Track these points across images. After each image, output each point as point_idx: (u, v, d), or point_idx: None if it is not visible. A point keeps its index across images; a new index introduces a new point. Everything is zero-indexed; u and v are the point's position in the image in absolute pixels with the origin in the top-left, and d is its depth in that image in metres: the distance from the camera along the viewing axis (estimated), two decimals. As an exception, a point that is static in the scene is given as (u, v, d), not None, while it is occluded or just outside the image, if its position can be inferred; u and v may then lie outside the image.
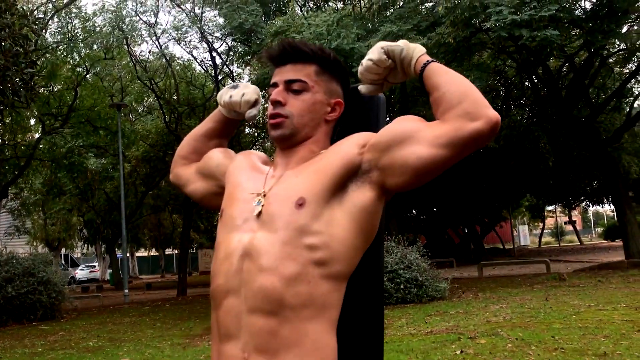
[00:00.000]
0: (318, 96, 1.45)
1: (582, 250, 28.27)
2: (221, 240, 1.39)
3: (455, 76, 1.29)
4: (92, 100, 17.85)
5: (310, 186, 1.31)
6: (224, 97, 1.62)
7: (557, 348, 4.92)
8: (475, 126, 1.20)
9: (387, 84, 1.45)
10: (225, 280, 1.32)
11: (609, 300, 7.63)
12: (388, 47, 1.37)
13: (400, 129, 1.30)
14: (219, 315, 1.33)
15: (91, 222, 27.10)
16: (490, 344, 5.35)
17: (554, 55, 14.68)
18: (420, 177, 1.29)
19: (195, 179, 1.66)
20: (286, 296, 1.24)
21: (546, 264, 14.41)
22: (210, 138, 1.70)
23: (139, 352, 6.66)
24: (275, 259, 1.26)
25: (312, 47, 1.48)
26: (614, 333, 5.40)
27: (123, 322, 10.30)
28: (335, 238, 1.29)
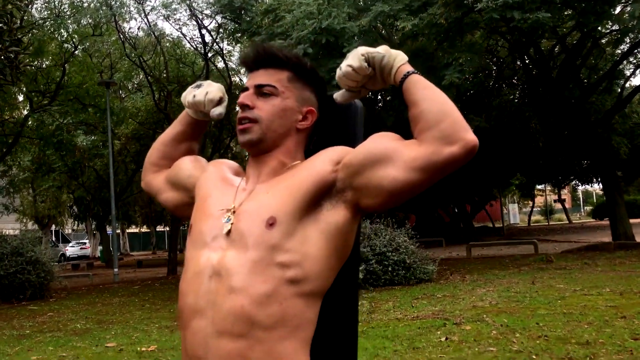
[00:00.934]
0: (288, 102, 1.40)
1: (571, 229, 28.53)
2: (190, 257, 1.36)
3: (435, 93, 1.24)
4: (81, 78, 17.61)
5: (281, 204, 1.27)
6: (187, 98, 1.57)
7: (541, 336, 4.96)
8: (451, 151, 1.16)
9: (364, 91, 1.40)
10: (194, 301, 1.28)
11: (594, 285, 7.70)
12: (369, 54, 1.32)
13: (375, 148, 1.26)
14: (186, 336, 1.30)
15: (81, 199, 27.00)
16: (475, 331, 5.38)
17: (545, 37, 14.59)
18: (395, 199, 1.26)
19: (166, 188, 1.62)
20: (258, 317, 1.21)
21: (534, 245, 14.50)
22: (180, 142, 1.65)
23: (126, 336, 6.66)
24: (246, 279, 1.23)
25: (287, 53, 1.43)
26: (598, 320, 5.44)
27: (112, 303, 10.31)
28: (308, 256, 1.26)
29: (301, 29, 10.82)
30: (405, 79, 1.28)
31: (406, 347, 4.95)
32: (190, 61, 18.72)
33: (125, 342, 6.22)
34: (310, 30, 10.64)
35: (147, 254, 37.23)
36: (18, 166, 22.47)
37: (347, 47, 10.79)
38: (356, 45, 9.84)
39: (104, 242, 25.79)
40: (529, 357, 4.30)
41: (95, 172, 22.27)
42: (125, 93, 22.30)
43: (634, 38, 14.94)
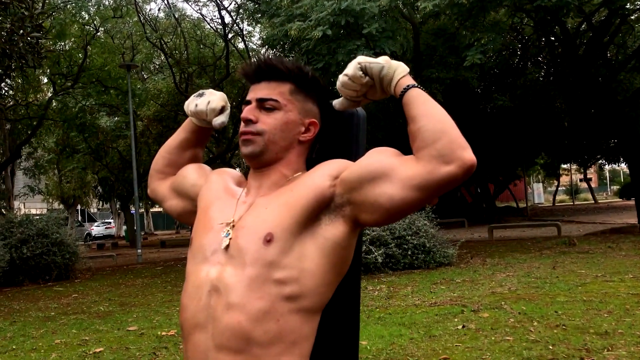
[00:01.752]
0: (291, 115, 1.40)
1: (596, 209, 28.14)
2: (190, 271, 1.38)
3: (434, 109, 1.23)
4: (102, 60, 17.75)
5: (278, 221, 1.28)
6: (190, 107, 1.60)
7: (559, 325, 4.92)
8: (449, 170, 1.16)
9: (364, 100, 1.40)
10: (193, 315, 1.31)
11: (616, 270, 7.60)
12: (365, 64, 1.31)
13: (373, 164, 1.26)
14: (187, 348, 1.33)
15: (105, 180, 27.36)
16: (493, 318, 5.36)
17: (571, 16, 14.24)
18: (392, 217, 1.26)
19: (171, 195, 1.65)
20: (254, 334, 1.23)
21: (557, 227, 14.35)
22: (185, 149, 1.68)
23: (147, 320, 6.78)
24: (243, 296, 1.25)
25: (288, 65, 1.43)
26: (618, 308, 5.38)
27: (135, 284, 10.49)
28: (306, 272, 1.27)
29: (320, 10, 10.73)
30: (405, 92, 1.27)
31: (423, 334, 4.96)
32: (211, 42, 18.71)
33: (146, 326, 6.34)
34: (330, 11, 10.54)
35: (171, 233, 37.74)
36: (43, 148, 22.84)
37: (367, 27, 10.70)
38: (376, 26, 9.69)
39: (129, 221, 26.16)
40: (546, 347, 4.28)
41: (119, 153, 22.54)
42: (147, 74, 22.44)
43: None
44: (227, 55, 16.53)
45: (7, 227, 11.49)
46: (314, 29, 10.60)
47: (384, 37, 11.12)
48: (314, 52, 11.05)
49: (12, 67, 10.26)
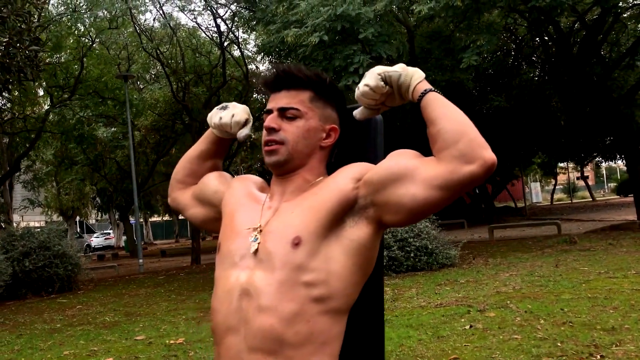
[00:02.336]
0: (312, 122, 1.44)
1: (595, 207, 28.22)
2: (219, 276, 1.41)
3: (453, 111, 1.27)
4: (99, 71, 17.78)
5: (305, 224, 1.31)
6: (213, 119, 1.63)
7: (566, 322, 4.96)
8: (470, 169, 1.19)
9: (383, 108, 1.44)
10: (225, 319, 1.34)
11: (619, 267, 7.64)
12: (385, 74, 1.35)
13: (395, 166, 1.30)
14: (220, 352, 1.36)
15: (104, 191, 27.35)
16: (499, 318, 5.40)
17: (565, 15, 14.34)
18: (415, 217, 1.30)
19: (193, 204, 1.68)
20: (286, 335, 1.26)
21: (557, 226, 14.40)
22: (205, 159, 1.71)
23: (154, 329, 6.80)
24: (274, 299, 1.28)
25: (307, 72, 1.47)
26: (623, 304, 5.42)
27: (138, 294, 10.49)
28: (333, 274, 1.30)
29: (316, 16, 10.77)
30: (422, 97, 1.31)
31: (430, 335, 4.99)
32: (207, 51, 18.76)
33: (153, 335, 6.35)
34: (325, 17, 10.58)
35: (170, 242, 37.69)
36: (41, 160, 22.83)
37: (362, 32, 10.74)
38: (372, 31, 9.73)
39: (128, 232, 26.14)
40: (554, 345, 4.31)
41: (117, 163, 22.54)
42: (143, 84, 22.47)
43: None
44: (223, 63, 16.56)
45: (9, 241, 11.50)
46: (310, 35, 10.65)
47: (380, 41, 11.17)
48: (311, 58, 11.09)
49: (10, 81, 10.27)
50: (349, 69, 10.60)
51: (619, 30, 15.96)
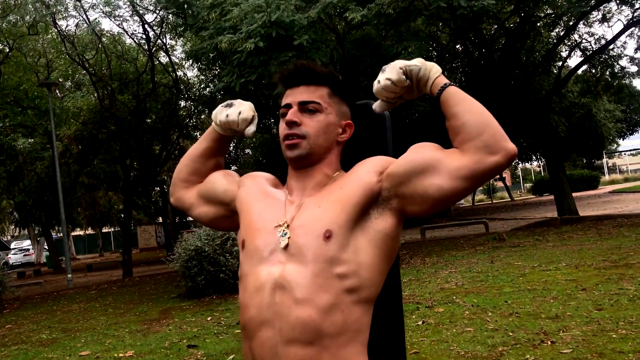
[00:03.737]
0: (331, 117, 1.48)
1: (514, 206, 29.55)
2: (248, 272, 1.41)
3: (474, 104, 1.33)
4: (17, 79, 16.93)
5: (334, 217, 1.34)
6: (219, 117, 1.62)
7: (512, 313, 5.21)
8: (495, 160, 1.25)
9: (400, 101, 1.48)
10: (258, 313, 1.34)
11: (550, 260, 8.09)
12: (406, 67, 1.39)
13: (419, 158, 1.35)
14: (252, 346, 1.36)
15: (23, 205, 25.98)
16: (449, 312, 5.60)
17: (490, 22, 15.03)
18: (439, 206, 1.34)
19: (199, 203, 1.67)
20: (323, 326, 1.29)
21: (485, 224, 15.02)
22: (208, 157, 1.70)
23: (98, 343, 6.56)
24: (309, 291, 1.30)
25: (324, 69, 1.51)
26: (561, 294, 5.76)
27: (72, 310, 10.07)
28: (362, 265, 1.34)
29: (250, 23, 10.76)
30: (442, 91, 1.37)
31: (386, 333, 5.10)
32: (132, 57, 18.27)
33: (99, 350, 6.13)
34: (260, 23, 10.59)
35: (94, 256, 36.25)
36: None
37: (297, 39, 10.81)
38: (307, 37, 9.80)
39: (51, 247, 24.97)
40: (506, 334, 4.52)
41: (37, 175, 21.52)
42: (63, 92, 21.58)
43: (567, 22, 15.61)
44: (152, 69, 16.20)
45: None
46: (245, 42, 10.61)
47: (314, 48, 11.29)
48: (246, 64, 11.05)
49: None
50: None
51: (534, 37, 16.87)
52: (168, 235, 23.74)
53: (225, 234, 9.19)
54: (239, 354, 5.09)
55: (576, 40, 17.06)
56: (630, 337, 4.08)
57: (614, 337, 4.14)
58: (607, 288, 5.78)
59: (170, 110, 19.22)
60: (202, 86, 18.82)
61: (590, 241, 9.73)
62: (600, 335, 4.20)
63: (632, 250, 8.04)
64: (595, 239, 9.90)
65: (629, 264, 7.04)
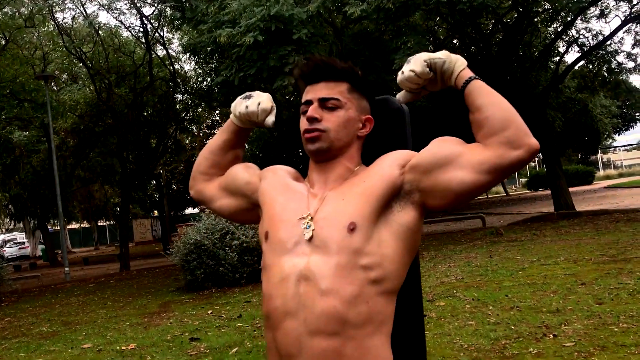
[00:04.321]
0: (351, 113, 1.50)
1: (510, 201, 29.68)
2: (272, 264, 1.43)
3: (499, 99, 1.34)
4: (13, 71, 16.84)
5: (359, 210, 1.36)
6: (238, 109, 1.64)
7: (513, 307, 5.26)
8: (518, 155, 1.27)
9: (423, 92, 1.50)
10: (283, 303, 1.36)
11: (548, 254, 8.14)
12: (431, 60, 1.41)
13: (442, 152, 1.36)
14: (277, 337, 1.38)
15: (18, 197, 25.92)
16: (450, 306, 5.64)
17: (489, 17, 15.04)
18: (460, 200, 1.36)
19: (221, 195, 1.69)
20: (349, 317, 1.31)
21: (482, 219, 15.08)
22: (227, 150, 1.71)
23: (100, 336, 6.58)
24: (334, 282, 1.32)
25: (343, 65, 1.52)
26: (561, 288, 5.81)
27: (71, 303, 10.08)
28: (386, 257, 1.36)
29: (249, 17, 10.74)
30: (467, 84, 1.38)
31: (388, 326, 5.13)
32: (130, 50, 18.20)
33: (101, 342, 6.15)
34: (259, 17, 10.57)
35: (90, 250, 36.20)
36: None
37: (296, 33, 10.81)
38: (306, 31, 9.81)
39: (47, 240, 24.92)
40: (508, 328, 4.57)
41: (33, 168, 21.45)
42: (60, 85, 21.50)
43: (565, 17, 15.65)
44: (150, 63, 16.15)
45: None
46: (244, 35, 10.60)
47: (313, 42, 11.29)
48: (245, 58, 11.03)
49: None
50: (284, 70, 10.62)
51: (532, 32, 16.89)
52: (164, 228, 23.74)
53: (225, 227, 9.22)
54: (242, 347, 5.12)
55: (574, 36, 17.09)
56: (632, 331, 4.12)
57: (615, 330, 4.18)
58: (606, 282, 5.83)
59: (167, 103, 19.19)
60: (200, 80, 18.79)
61: (588, 236, 9.80)
62: (601, 329, 4.25)
63: (629, 245, 8.10)
64: (592, 234, 9.97)
65: (627, 258, 7.10)
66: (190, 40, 15.55)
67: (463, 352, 4.10)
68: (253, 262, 9.05)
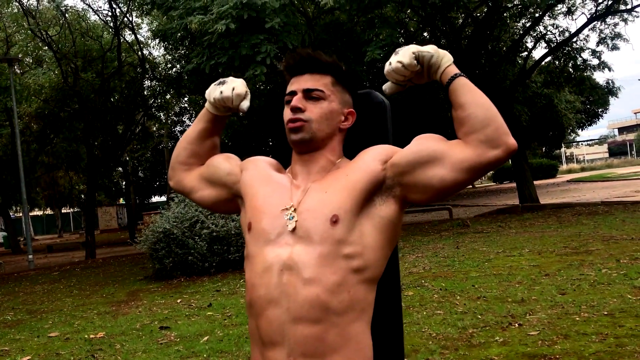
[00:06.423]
0: (334, 105, 1.53)
1: (476, 193, 30.18)
2: (255, 254, 1.46)
3: (481, 98, 1.37)
4: (-25, 53, 16.40)
5: (341, 203, 1.40)
6: (213, 95, 1.65)
7: (480, 297, 5.39)
8: (496, 154, 1.31)
9: (409, 84, 1.52)
10: (267, 292, 1.39)
11: (513, 246, 8.34)
12: (419, 53, 1.43)
13: (424, 150, 1.40)
14: (260, 324, 1.41)
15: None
16: (419, 296, 5.75)
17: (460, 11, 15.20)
18: (440, 195, 1.41)
19: (201, 186, 1.70)
20: (331, 304, 1.35)
21: (449, 211, 15.31)
22: (204, 139, 1.73)
23: (67, 324, 6.51)
24: (317, 271, 1.36)
25: (328, 59, 1.56)
26: (526, 279, 5.97)
27: (35, 291, 9.92)
28: (367, 247, 1.41)
29: (221, 4, 10.65)
30: (452, 81, 1.41)
31: (358, 316, 5.21)
32: (97, 35, 17.86)
33: (69, 331, 6.09)
34: (231, 5, 10.50)
35: (53, 237, 35.56)
36: None
37: (269, 22, 10.76)
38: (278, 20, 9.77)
39: (9, 227, 24.40)
40: (475, 317, 4.69)
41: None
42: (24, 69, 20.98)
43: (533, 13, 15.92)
44: (118, 47, 15.88)
45: None
46: (216, 23, 10.51)
47: (286, 31, 11.26)
48: (217, 46, 10.95)
49: None
50: (256, 58, 10.58)
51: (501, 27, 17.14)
52: (131, 216, 23.47)
53: (194, 216, 9.18)
54: (213, 336, 5.14)
55: (541, 32, 17.41)
56: (592, 320, 4.28)
57: (577, 319, 4.33)
58: (569, 274, 6.02)
59: (135, 89, 18.94)
60: (169, 66, 18.57)
61: (551, 228, 10.06)
62: (564, 318, 4.40)
63: (591, 238, 8.36)
64: (556, 227, 10.23)
65: (589, 250, 7.32)
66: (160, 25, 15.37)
67: (432, 341, 4.20)
68: (223, 251, 9.05)
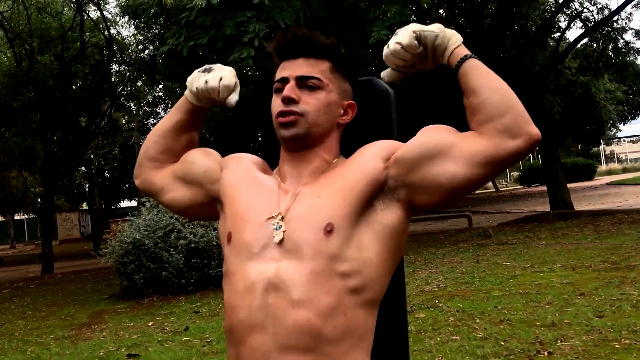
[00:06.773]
0: (332, 96, 1.51)
1: (500, 198, 30.20)
2: (235, 270, 1.44)
3: (496, 81, 1.36)
4: None
5: (336, 209, 1.38)
6: (196, 84, 1.62)
7: (503, 320, 5.39)
8: (516, 145, 1.29)
9: (412, 70, 1.50)
10: (248, 315, 1.37)
11: (543, 260, 8.34)
12: (421, 32, 1.41)
13: (431, 142, 1.38)
14: (241, 353, 1.39)
15: None
16: (431, 318, 5.74)
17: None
18: (452, 197, 1.39)
19: (173, 186, 1.67)
20: (324, 331, 1.33)
21: (468, 218, 15.33)
22: (180, 132, 1.70)
23: (19, 351, 6.51)
24: (308, 292, 1.33)
25: (326, 41, 1.52)
26: (557, 299, 5.97)
27: (-18, 312, 9.91)
28: (367, 263, 1.38)
29: (204, -24, 10.65)
30: (462, 63, 1.39)
31: (360, 342, 5.20)
32: (57, 11, 17.83)
33: (21, 359, 6.09)
34: (215, -23, 10.50)
35: (4, 248, 35.51)
36: None
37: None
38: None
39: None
40: (497, 344, 4.68)
41: None
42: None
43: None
44: (81, 26, 15.86)
45: None
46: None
47: (277, 7, 11.26)
48: (196, 24, 10.94)
49: None
50: (242, 39, 10.57)
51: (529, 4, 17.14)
52: (95, 224, 23.44)
53: (169, 225, 9.16)
54: (189, 365, 5.13)
55: (576, 9, 17.38)
56: (635, 348, 4.28)
57: (617, 347, 4.33)
58: (607, 293, 6.02)
59: (101, 75, 18.92)
60: (140, 48, 18.54)
61: (588, 239, 10.07)
62: (602, 346, 4.39)
63: (633, 251, 8.37)
64: (593, 237, 10.24)
65: (631, 265, 7.33)
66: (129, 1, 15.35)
67: (446, 372, 4.20)
68: (202, 265, 9.04)
